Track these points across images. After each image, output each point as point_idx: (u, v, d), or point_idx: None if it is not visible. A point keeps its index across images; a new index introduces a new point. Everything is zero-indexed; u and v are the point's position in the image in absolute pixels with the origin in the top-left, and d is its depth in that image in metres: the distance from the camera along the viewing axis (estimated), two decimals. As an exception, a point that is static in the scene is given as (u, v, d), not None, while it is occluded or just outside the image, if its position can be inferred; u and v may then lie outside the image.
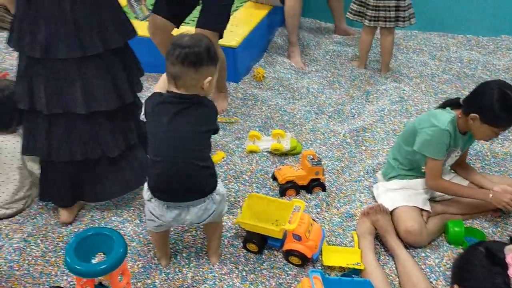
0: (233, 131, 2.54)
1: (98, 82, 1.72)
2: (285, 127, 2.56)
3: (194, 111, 1.49)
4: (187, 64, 1.43)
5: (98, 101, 1.72)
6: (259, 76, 3.01)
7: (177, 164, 1.49)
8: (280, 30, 3.64)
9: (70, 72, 1.68)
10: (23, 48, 1.66)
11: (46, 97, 1.69)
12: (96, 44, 1.66)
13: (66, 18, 1.61)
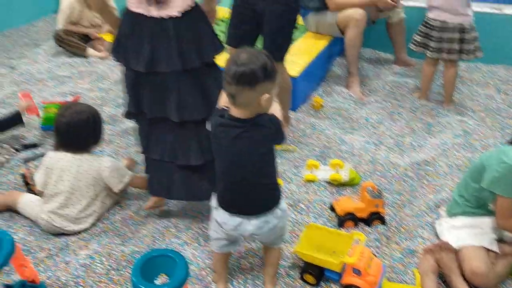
0: (291, 159, 2.55)
1: (191, 93, 1.86)
2: (343, 157, 2.55)
3: (253, 133, 1.50)
4: (242, 83, 1.42)
5: (190, 111, 1.87)
6: (317, 105, 3.02)
7: (239, 183, 1.54)
8: (338, 60, 3.66)
9: (168, 84, 1.84)
10: (129, 63, 1.85)
11: (148, 104, 1.89)
12: (194, 59, 1.81)
13: (169, 36, 1.77)
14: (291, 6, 2.37)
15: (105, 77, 3.52)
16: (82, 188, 2.02)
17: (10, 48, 4.10)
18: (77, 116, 2.02)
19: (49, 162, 2.04)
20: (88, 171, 2.03)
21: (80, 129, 2.02)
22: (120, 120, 2.95)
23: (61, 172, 2.01)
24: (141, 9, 1.77)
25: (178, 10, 1.77)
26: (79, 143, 2.05)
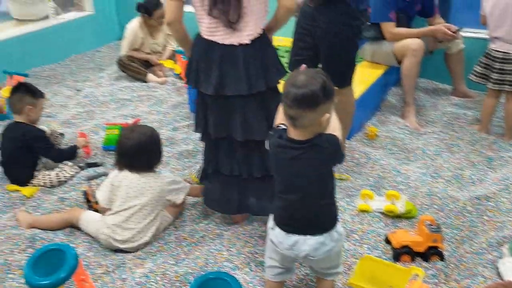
0: (344, 188, 2.53)
1: (255, 115, 1.97)
2: (399, 189, 2.49)
3: (311, 154, 1.49)
4: (304, 106, 1.42)
5: (253, 131, 1.98)
6: (371, 134, 2.99)
7: (297, 201, 1.55)
8: (394, 90, 3.62)
9: (235, 106, 1.95)
10: (199, 86, 1.97)
11: (214, 125, 2.00)
12: (260, 83, 1.92)
13: (238, 61, 1.88)
14: (348, 28, 2.34)
15: (164, 101, 3.65)
16: (146, 205, 2.09)
17: (76, 72, 4.35)
18: (143, 138, 2.10)
19: (114, 179, 2.12)
20: (153, 188, 2.10)
21: (145, 150, 2.10)
22: (177, 143, 3.04)
23: (127, 189, 2.08)
24: (213, 37, 1.88)
25: (249, 38, 1.87)
26: (145, 163, 2.13)
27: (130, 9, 4.62)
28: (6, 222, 2.30)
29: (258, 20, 1.89)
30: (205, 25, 1.89)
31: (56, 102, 3.66)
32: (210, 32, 1.89)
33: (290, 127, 1.50)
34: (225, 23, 1.83)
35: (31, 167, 2.62)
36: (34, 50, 4.34)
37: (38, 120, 2.74)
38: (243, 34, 1.87)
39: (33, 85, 2.75)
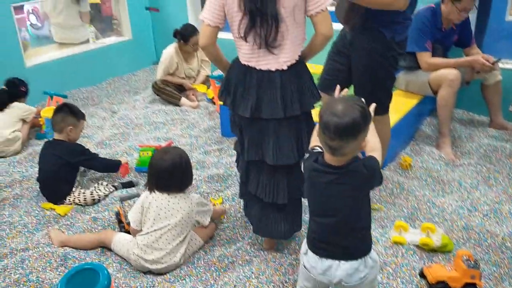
0: (377, 218, 2.47)
1: (287, 139, 1.98)
2: (434, 221, 2.42)
3: (347, 179, 1.47)
4: (346, 137, 1.40)
5: (284, 156, 1.99)
6: (405, 164, 2.93)
7: (332, 225, 1.53)
8: (428, 120, 3.56)
9: (269, 129, 1.97)
10: (237, 109, 1.99)
11: (248, 147, 2.03)
12: (295, 108, 1.94)
13: (275, 86, 1.91)
14: (383, 58, 2.33)
15: (196, 125, 3.70)
16: (176, 225, 2.10)
17: (112, 95, 4.47)
18: (176, 159, 2.12)
19: (145, 201, 2.14)
20: (183, 208, 2.12)
21: (178, 171, 2.13)
22: (207, 166, 3.05)
23: (158, 210, 2.10)
24: (251, 63, 1.93)
25: (287, 64, 1.91)
26: (177, 185, 2.15)
27: (166, 35, 4.75)
28: (40, 240, 2.35)
29: (296, 46, 1.92)
30: (243, 51, 1.94)
31: (92, 124, 3.76)
32: (248, 58, 1.93)
33: (327, 155, 1.49)
34: (264, 47, 1.87)
35: (68, 184, 2.68)
36: (74, 72, 4.50)
37: (77, 140, 2.82)
38: (280, 59, 1.90)
39: (76, 107, 2.84)
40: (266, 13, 1.81)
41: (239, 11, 1.84)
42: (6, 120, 3.30)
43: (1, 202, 2.70)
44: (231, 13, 1.87)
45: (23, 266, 2.14)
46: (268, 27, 1.83)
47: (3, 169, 3.06)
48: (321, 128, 1.45)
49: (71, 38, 5.04)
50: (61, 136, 2.72)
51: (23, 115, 3.40)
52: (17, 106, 3.40)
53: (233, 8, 1.85)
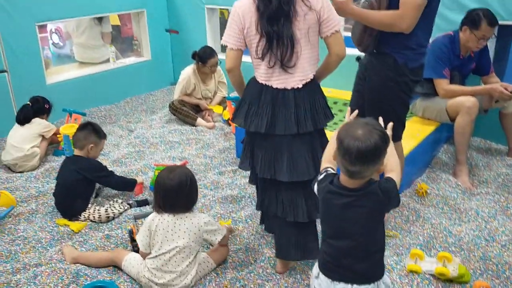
0: (391, 245, 2.43)
1: (301, 155, 2.04)
2: (450, 250, 2.37)
3: (363, 202, 1.47)
4: (368, 162, 1.41)
5: (299, 172, 2.03)
6: (421, 191, 2.89)
7: (346, 248, 1.51)
8: (445, 147, 3.53)
9: (282, 145, 2.04)
10: (250, 126, 2.05)
11: (261, 163, 2.08)
12: (309, 125, 2.02)
13: (289, 104, 2.00)
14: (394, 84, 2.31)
15: (211, 145, 3.71)
16: (184, 247, 2.07)
17: (130, 113, 4.53)
18: (183, 178, 2.08)
19: (152, 224, 2.10)
20: (189, 228, 2.08)
21: (185, 190, 2.07)
22: (221, 187, 3.05)
23: (165, 232, 2.07)
24: (268, 82, 2.03)
25: (302, 82, 2.01)
26: (184, 204, 2.10)
27: (184, 56, 4.83)
28: (52, 255, 2.36)
29: (310, 65, 2.03)
30: (261, 71, 2.04)
31: (109, 141, 3.80)
32: (265, 77, 2.03)
33: (344, 177, 1.49)
34: (279, 67, 1.97)
35: (84, 200, 2.70)
36: (93, 91, 4.58)
37: (96, 159, 2.86)
38: (295, 78, 2.00)
39: (98, 126, 2.89)
40: (282, 35, 1.92)
41: (256, 33, 1.96)
42: (26, 135, 3.36)
43: (17, 216, 2.72)
44: (249, 35, 1.98)
45: (35, 281, 2.14)
46: (284, 48, 1.94)
47: (20, 184, 3.10)
48: (341, 153, 1.45)
49: (92, 58, 5.15)
50: (81, 153, 2.77)
51: (43, 131, 3.46)
52: (38, 122, 3.47)
53: (252, 31, 1.96)
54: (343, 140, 1.43)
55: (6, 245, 2.45)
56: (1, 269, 2.25)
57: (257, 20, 1.93)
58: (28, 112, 3.44)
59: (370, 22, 2.23)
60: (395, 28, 2.18)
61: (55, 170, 3.29)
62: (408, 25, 2.16)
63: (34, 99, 3.53)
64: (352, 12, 2.22)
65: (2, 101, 3.85)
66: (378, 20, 2.20)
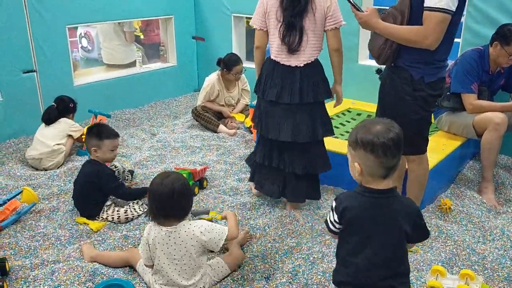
0: (412, 261, 2.36)
1: (303, 121, 2.57)
2: (473, 269, 2.29)
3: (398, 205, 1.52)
4: (401, 148, 1.48)
5: (301, 135, 2.58)
6: (445, 207, 2.82)
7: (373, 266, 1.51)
8: (471, 163, 3.44)
9: (287, 113, 2.57)
10: (265, 95, 2.61)
11: (267, 126, 2.64)
12: (309, 97, 2.55)
13: (295, 79, 2.55)
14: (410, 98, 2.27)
15: (232, 152, 3.71)
16: (185, 259, 1.99)
17: (153, 118, 4.57)
18: (176, 184, 1.95)
19: (148, 238, 2.02)
20: (185, 240, 1.97)
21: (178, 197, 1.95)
22: (240, 194, 3.04)
23: (162, 247, 1.98)
24: (278, 58, 2.58)
25: (304, 62, 2.55)
26: (182, 210, 2.00)
27: (209, 63, 4.88)
28: (71, 253, 2.37)
29: (313, 51, 2.56)
30: (274, 48, 2.58)
31: (132, 144, 3.84)
32: (276, 54, 2.58)
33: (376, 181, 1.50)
34: (288, 50, 2.53)
35: (98, 203, 2.70)
36: (119, 94, 4.65)
37: (109, 160, 2.83)
38: (300, 59, 2.54)
39: (102, 127, 2.82)
40: (295, 26, 2.47)
41: (276, 20, 2.52)
42: (54, 133, 3.43)
43: (38, 213, 2.76)
44: (270, 19, 2.55)
45: (52, 278, 2.16)
46: (293, 37, 2.49)
47: (42, 182, 3.15)
48: (377, 154, 1.45)
49: (118, 59, 5.25)
50: (93, 157, 2.77)
51: (70, 130, 3.51)
52: (65, 121, 3.52)
53: (272, 17, 2.53)
54: (373, 141, 1.45)
55: (26, 241, 2.48)
56: (20, 263, 2.28)
57: (277, 9, 2.49)
58: (53, 113, 3.49)
59: (394, 38, 2.22)
60: (420, 44, 2.15)
61: (77, 170, 3.32)
62: (432, 42, 2.12)
63: (59, 99, 3.59)
64: (376, 26, 2.24)
65: (30, 100, 3.94)
66: (403, 36, 2.18)
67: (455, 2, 2.08)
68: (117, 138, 2.82)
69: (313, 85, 2.53)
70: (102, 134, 2.73)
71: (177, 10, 5.04)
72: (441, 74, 2.29)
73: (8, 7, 3.68)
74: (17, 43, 3.78)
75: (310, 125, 2.57)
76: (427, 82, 2.24)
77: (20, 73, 3.85)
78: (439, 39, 2.12)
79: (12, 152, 3.66)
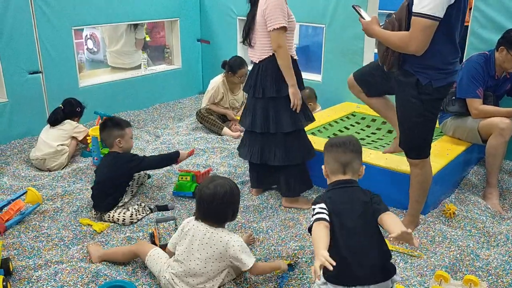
0: (415, 265, 2.36)
1: (283, 113, 2.75)
2: (477, 275, 2.28)
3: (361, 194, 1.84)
4: (355, 150, 1.88)
5: (283, 125, 2.76)
6: (449, 212, 2.81)
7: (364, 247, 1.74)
8: (475, 169, 3.43)
9: (251, 104, 2.84)
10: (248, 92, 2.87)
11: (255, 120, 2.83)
12: (259, 92, 2.76)
13: (253, 73, 2.81)
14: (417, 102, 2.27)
15: (235, 154, 3.69)
16: (207, 260, 2.02)
17: (157, 120, 4.58)
18: (219, 190, 2.02)
19: (185, 226, 2.10)
20: (216, 245, 2.01)
21: (219, 203, 2.02)
22: (243, 197, 3.04)
23: (192, 239, 2.05)
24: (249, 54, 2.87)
25: (258, 59, 2.76)
26: (214, 216, 2.06)
27: (214, 66, 4.88)
28: (74, 254, 2.38)
29: (262, 49, 2.72)
30: None
31: (136, 146, 3.84)
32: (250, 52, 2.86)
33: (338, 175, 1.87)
34: (247, 45, 2.83)
35: (113, 199, 2.73)
36: (123, 95, 4.67)
37: (131, 148, 2.91)
38: (256, 55, 2.78)
39: (117, 118, 2.94)
40: (249, 26, 2.77)
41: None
42: (57, 134, 3.45)
43: (42, 214, 2.77)
44: None
45: (55, 278, 2.17)
46: (249, 34, 2.78)
47: (47, 183, 3.16)
48: (332, 151, 1.88)
49: (124, 63, 5.26)
50: (114, 149, 2.82)
51: (74, 132, 3.53)
52: (69, 123, 3.55)
53: None
54: (330, 143, 1.93)
55: (30, 241, 2.49)
56: (24, 264, 2.28)
57: None
58: (59, 115, 3.51)
59: (386, 43, 2.25)
60: (405, 50, 2.16)
61: (82, 171, 3.36)
62: (416, 48, 2.11)
63: (67, 101, 3.61)
64: (374, 32, 2.30)
65: (36, 101, 3.96)
66: (391, 41, 2.20)
67: (442, 7, 2.04)
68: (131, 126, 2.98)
69: (261, 81, 2.72)
70: (122, 123, 2.86)
71: (183, 12, 5.06)
72: (451, 79, 2.26)
73: (15, 9, 3.70)
74: (23, 45, 3.81)
75: (289, 116, 2.76)
76: (435, 87, 2.23)
77: (26, 74, 3.88)
78: (423, 45, 2.10)
79: (17, 153, 3.67)
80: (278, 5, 2.59)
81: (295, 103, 2.73)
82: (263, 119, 2.78)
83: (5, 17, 3.66)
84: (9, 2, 3.66)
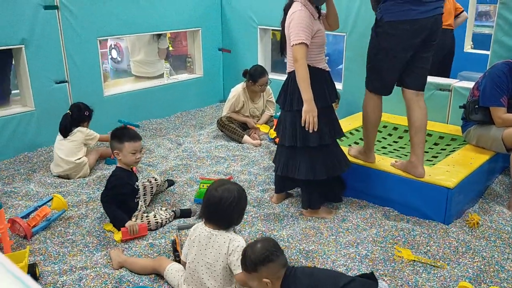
0: (438, 276, 2.33)
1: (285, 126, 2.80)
2: (502, 286, 2.24)
3: None
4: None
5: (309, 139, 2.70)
6: (473, 222, 2.77)
7: None
8: (500, 178, 3.37)
9: (296, 118, 2.70)
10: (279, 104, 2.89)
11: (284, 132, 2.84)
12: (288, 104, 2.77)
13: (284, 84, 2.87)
14: (373, 34, 2.72)
15: (256, 163, 3.73)
16: (215, 263, 2.02)
17: (179, 128, 4.64)
18: (226, 194, 2.02)
19: (192, 233, 2.11)
20: (221, 247, 2.01)
21: (225, 207, 2.01)
22: (264, 205, 3.05)
23: (200, 245, 2.04)
24: None
25: (288, 71, 2.80)
26: (223, 219, 2.05)
27: (235, 75, 4.93)
28: (98, 260, 2.43)
29: (290, 61, 2.73)
30: None
31: (158, 153, 3.90)
32: None
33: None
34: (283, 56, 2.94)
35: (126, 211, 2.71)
36: (146, 104, 4.75)
37: (131, 163, 2.78)
38: (288, 67, 2.80)
39: (123, 130, 2.82)
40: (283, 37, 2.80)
41: None
42: (70, 147, 3.42)
43: (67, 220, 2.83)
44: None
45: (80, 284, 2.21)
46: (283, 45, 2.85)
47: (72, 190, 3.24)
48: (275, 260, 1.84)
49: (147, 72, 5.36)
50: (118, 163, 2.79)
51: (86, 139, 3.53)
52: (80, 130, 3.50)
53: None
54: (266, 254, 1.84)
55: (56, 247, 2.55)
56: (49, 269, 2.34)
57: None
58: (68, 121, 3.46)
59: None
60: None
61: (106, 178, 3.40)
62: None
63: (75, 106, 3.57)
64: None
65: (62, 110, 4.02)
66: None
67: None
68: (137, 141, 2.73)
69: (290, 93, 2.75)
70: (122, 137, 2.70)
71: (204, 22, 5.13)
72: (405, 17, 2.53)
73: (43, 20, 3.82)
74: (51, 55, 3.92)
75: (290, 129, 2.78)
76: (387, 21, 2.57)
77: (53, 84, 3.98)
78: None
79: (44, 160, 3.77)
80: (301, 22, 2.58)
81: (306, 120, 2.59)
82: (291, 132, 2.77)
83: (34, 28, 3.78)
84: (37, 14, 3.78)
